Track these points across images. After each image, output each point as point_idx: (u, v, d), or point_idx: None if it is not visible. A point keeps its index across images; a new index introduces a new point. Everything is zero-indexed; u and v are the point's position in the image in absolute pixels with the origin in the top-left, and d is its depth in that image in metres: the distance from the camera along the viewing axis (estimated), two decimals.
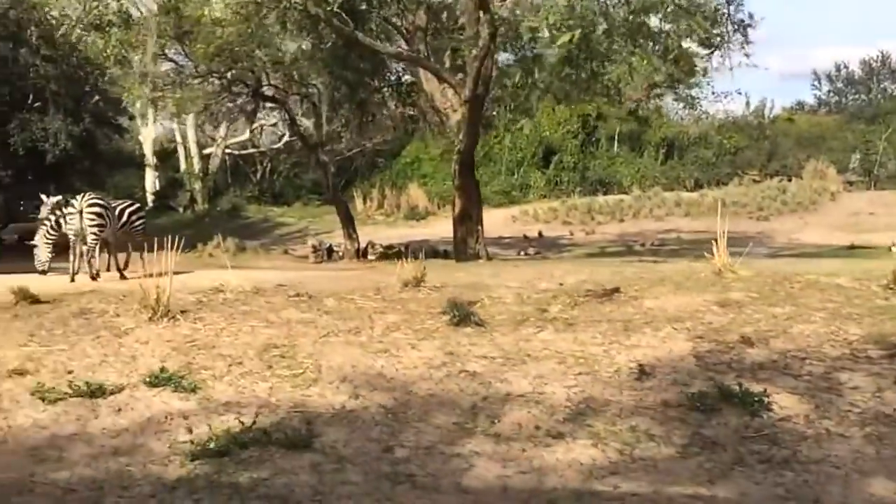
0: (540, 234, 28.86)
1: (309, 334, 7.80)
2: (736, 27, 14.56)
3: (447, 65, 15.75)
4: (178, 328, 8.03)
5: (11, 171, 21.69)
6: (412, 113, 23.12)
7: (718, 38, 14.26)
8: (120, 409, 6.15)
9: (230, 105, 20.74)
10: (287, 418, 5.87)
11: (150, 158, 32.43)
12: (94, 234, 12.07)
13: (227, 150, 34.44)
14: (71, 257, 12.28)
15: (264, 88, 20.52)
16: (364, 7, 13.64)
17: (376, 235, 26.21)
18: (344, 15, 12.27)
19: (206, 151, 34.18)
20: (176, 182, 33.47)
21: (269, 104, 22.42)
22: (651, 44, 15.20)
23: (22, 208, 32.09)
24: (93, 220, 12.04)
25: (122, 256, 13.42)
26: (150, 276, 8.89)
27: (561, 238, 29.13)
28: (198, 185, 32.54)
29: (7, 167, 21.54)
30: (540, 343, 7.39)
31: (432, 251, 24.66)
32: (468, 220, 16.09)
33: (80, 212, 12.01)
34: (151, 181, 33.39)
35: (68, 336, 7.78)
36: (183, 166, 33.72)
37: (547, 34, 11.40)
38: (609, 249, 25.76)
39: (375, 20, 14.15)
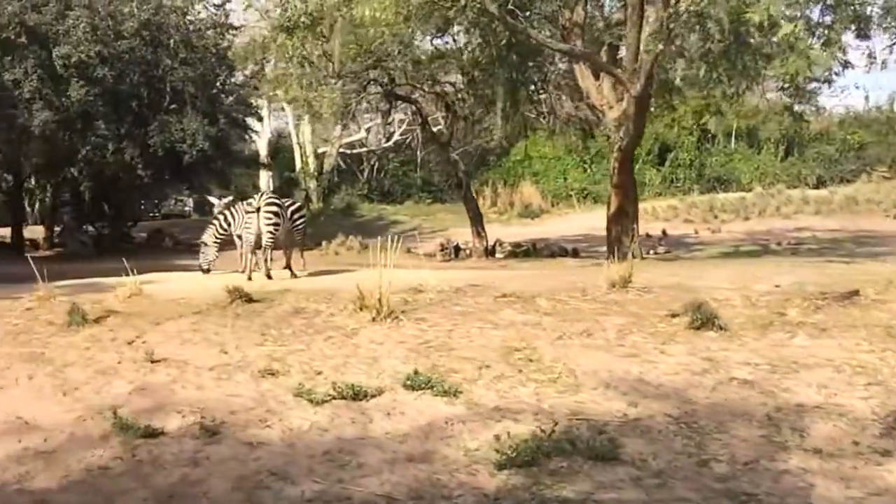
0: (664, 232, 28.01)
1: (541, 336, 7.53)
2: None
3: (604, 60, 15.31)
4: (404, 329, 7.87)
5: (150, 171, 22.23)
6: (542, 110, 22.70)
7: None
8: (389, 413, 5.97)
9: (365, 105, 20.79)
10: (573, 426, 5.57)
11: (266, 158, 33.01)
12: (271, 233, 12.12)
13: (341, 150, 34.75)
14: (248, 256, 12.37)
15: (397, 88, 20.53)
16: (526, 3, 13.30)
17: (492, 234, 25.97)
18: (517, 11, 11.99)
19: (320, 151, 34.56)
20: (291, 181, 33.93)
21: (401, 103, 22.38)
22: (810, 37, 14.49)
23: (143, 207, 33.22)
24: (269, 219, 12.09)
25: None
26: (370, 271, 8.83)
27: (686, 236, 28.28)
28: (313, 184, 32.92)
29: (146, 167, 22.10)
30: (799, 349, 6.92)
31: (562, 250, 24.34)
32: (624, 219, 15.59)
33: (258, 210, 12.07)
34: (266, 180, 33.94)
35: (299, 336, 7.72)
36: (298, 165, 34.17)
37: (766, 26, 10.85)
38: (743, 248, 24.81)
39: (536, 17, 13.81)
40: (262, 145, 32.92)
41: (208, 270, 13.42)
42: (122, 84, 21.10)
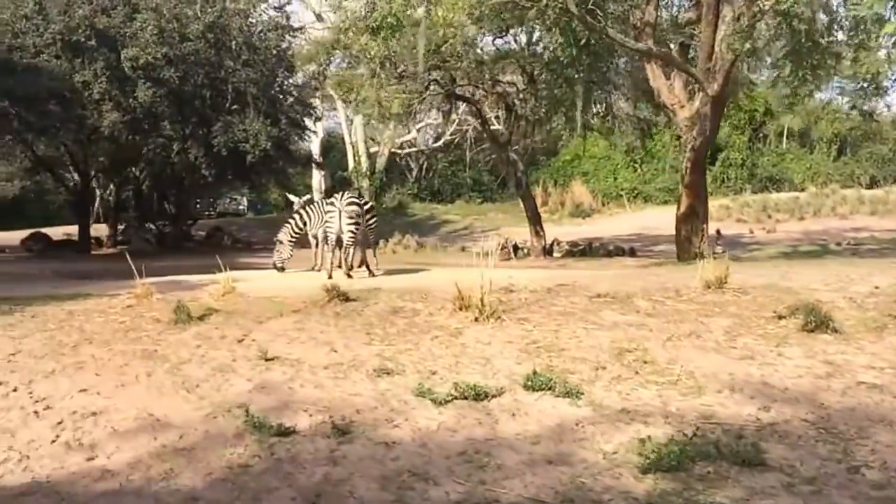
0: (718, 232, 27.59)
1: (649, 338, 7.46)
2: None
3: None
4: (508, 329, 7.85)
5: (214, 171, 22.52)
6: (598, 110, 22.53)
7: None
8: (514, 414, 5.96)
9: (426, 105, 20.85)
10: (708, 431, 5.51)
11: (318, 157, 33.29)
12: (352, 232, 12.20)
13: (392, 150, 34.92)
14: (329, 255, 12.47)
15: (458, 88, 20.57)
16: (601, 2, 13.19)
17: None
18: (597, 11, 11.93)
19: (372, 150, 34.77)
20: (344, 180, 34.20)
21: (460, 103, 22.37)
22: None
23: (198, 206, 33.72)
24: (351, 218, 12.17)
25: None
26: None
27: (741, 236, 28.00)
28: (365, 183, 33.12)
29: (210, 167, 22.40)
30: None
31: (618, 249, 24.20)
32: (694, 219, 15.42)
33: (340, 211, 12.14)
34: (318, 179, 34.24)
35: (404, 335, 7.74)
36: (350, 165, 34.41)
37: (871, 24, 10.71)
38: (802, 248, 24.50)
39: (610, 17, 13.70)
40: (314, 145, 33.21)
41: (282, 269, 13.55)
42: (186, 85, 21.41)
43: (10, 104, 19.17)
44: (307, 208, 13.61)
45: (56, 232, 25.47)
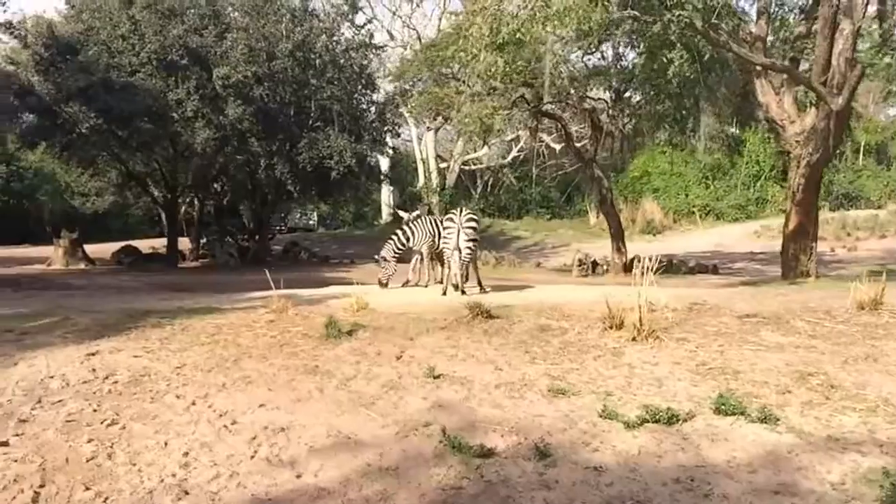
0: None
1: (823, 361, 7.22)
2: None
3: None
4: (669, 349, 7.67)
5: (299, 186, 22.70)
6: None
7: None
8: (713, 440, 5.76)
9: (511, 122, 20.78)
10: None
11: (388, 173, 33.43)
12: (470, 248, 12.14)
13: (461, 166, 34.97)
14: (446, 271, 12.40)
15: (544, 105, 20.44)
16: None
17: (610, 249, 25.45)
18: (721, 26, 11.75)
19: (441, 166, 34.86)
20: (414, 196, 34.32)
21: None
22: None
23: (270, 221, 33.98)
24: (469, 234, 12.10)
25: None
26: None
27: (823, 254, 27.24)
28: (435, 199, 33.17)
29: (295, 182, 22.58)
30: None
31: (701, 266, 23.80)
32: (803, 237, 15.06)
33: (459, 228, 12.08)
34: (386, 195, 34.39)
35: (564, 354, 7.60)
36: (421, 180, 34.52)
37: None
38: (890, 266, 23.78)
39: (724, 31, 13.48)
40: (384, 161, 33.37)
41: (386, 284, 13.50)
42: (272, 103, 21.65)
43: (104, 121, 19.55)
44: (411, 224, 13.57)
45: (141, 245, 25.91)
